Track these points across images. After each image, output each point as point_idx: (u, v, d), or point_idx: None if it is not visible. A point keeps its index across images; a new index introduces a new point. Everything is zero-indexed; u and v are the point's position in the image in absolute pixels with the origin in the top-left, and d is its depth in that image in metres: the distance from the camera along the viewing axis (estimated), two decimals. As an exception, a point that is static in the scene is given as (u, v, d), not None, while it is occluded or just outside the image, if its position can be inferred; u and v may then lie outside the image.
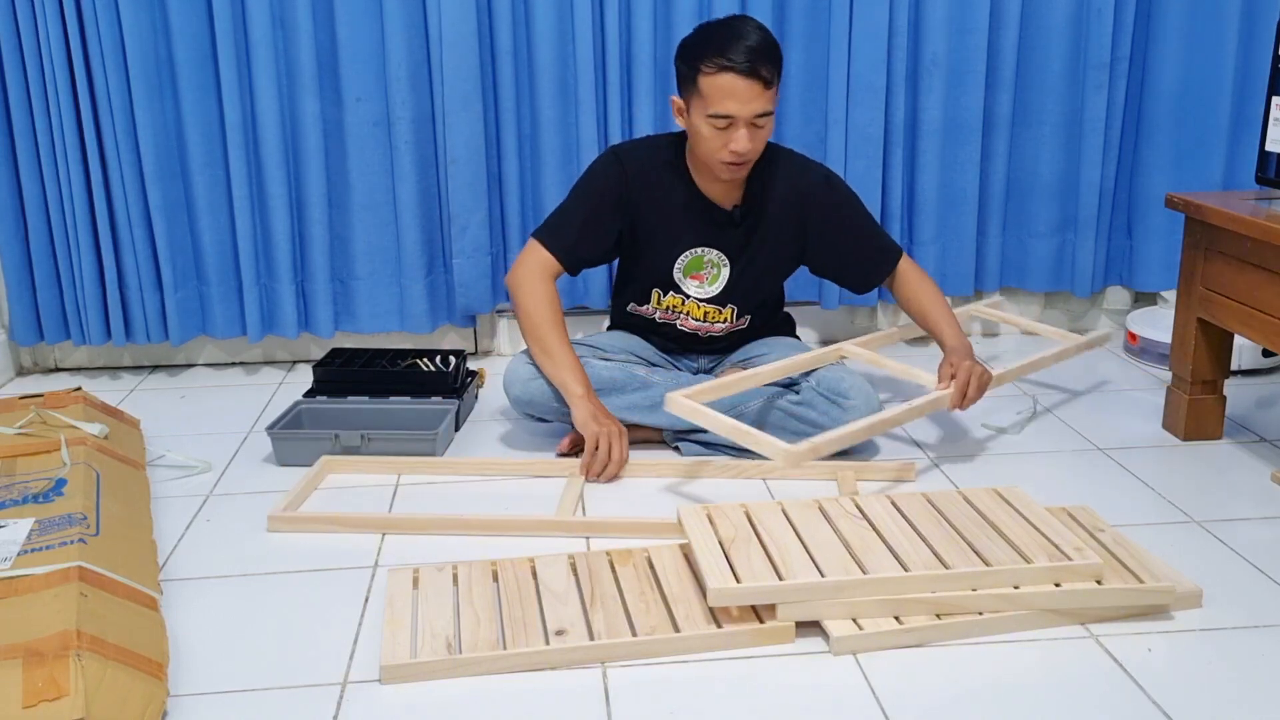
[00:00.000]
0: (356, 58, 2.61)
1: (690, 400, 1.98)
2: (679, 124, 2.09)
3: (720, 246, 2.18)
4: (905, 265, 2.28)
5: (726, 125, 1.97)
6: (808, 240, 2.22)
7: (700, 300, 2.22)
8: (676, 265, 2.19)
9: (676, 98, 2.07)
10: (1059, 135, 2.78)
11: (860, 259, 2.27)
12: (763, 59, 1.94)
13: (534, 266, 2.15)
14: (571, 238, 2.16)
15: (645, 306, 2.26)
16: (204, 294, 2.74)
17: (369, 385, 2.41)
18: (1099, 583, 1.56)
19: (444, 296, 2.81)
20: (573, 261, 2.18)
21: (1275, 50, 2.03)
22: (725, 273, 2.19)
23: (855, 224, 2.24)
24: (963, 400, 2.05)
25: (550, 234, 2.17)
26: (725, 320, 2.25)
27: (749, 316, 2.27)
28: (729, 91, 1.94)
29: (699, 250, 2.17)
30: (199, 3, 2.53)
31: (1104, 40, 2.68)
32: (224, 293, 2.73)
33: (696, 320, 2.24)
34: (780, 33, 2.67)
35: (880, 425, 1.98)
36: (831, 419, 2.09)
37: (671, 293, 2.22)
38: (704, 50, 1.96)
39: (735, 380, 2.10)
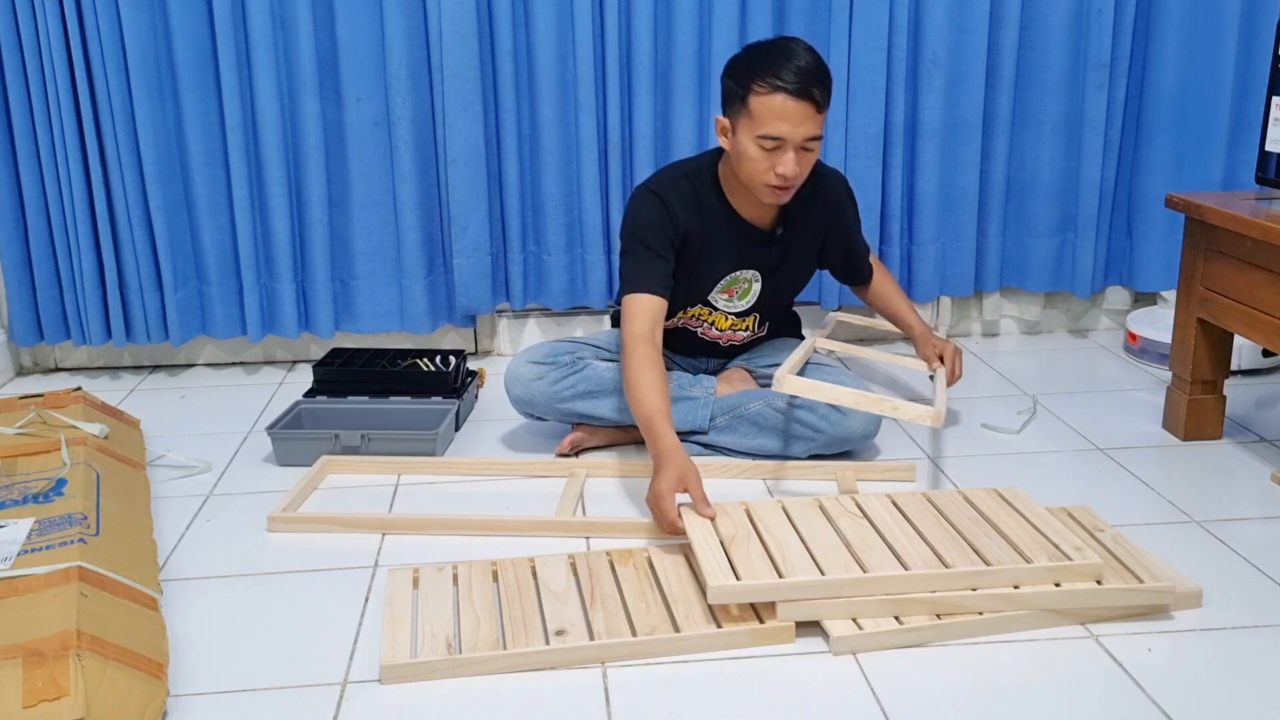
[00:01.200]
0: (356, 58, 2.61)
1: (802, 379, 1.95)
2: (722, 144, 2.01)
3: (756, 266, 2.15)
4: (872, 260, 2.42)
5: (775, 147, 1.91)
6: (828, 241, 2.23)
7: (729, 313, 2.21)
8: (715, 288, 2.16)
9: (721, 117, 2.00)
10: (1059, 135, 2.78)
11: (852, 258, 2.35)
12: (815, 81, 1.89)
13: (635, 324, 1.98)
14: (653, 271, 2.02)
15: (670, 318, 2.19)
16: (204, 294, 2.74)
17: (369, 385, 2.41)
18: (1099, 583, 1.56)
19: (444, 296, 2.81)
20: (666, 287, 2.03)
21: (1275, 50, 2.03)
22: (756, 288, 2.18)
23: (855, 227, 2.31)
24: (952, 377, 2.24)
25: (634, 283, 2.02)
26: (748, 329, 2.25)
27: (769, 323, 2.29)
28: (781, 113, 1.88)
29: (737, 272, 2.15)
30: (199, 3, 2.54)
31: (1104, 40, 2.68)
32: (224, 293, 2.73)
33: (720, 330, 2.23)
34: (780, 33, 2.66)
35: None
36: (831, 423, 2.09)
37: (700, 305, 2.19)
38: (756, 70, 1.90)
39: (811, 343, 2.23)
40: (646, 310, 1.99)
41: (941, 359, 2.26)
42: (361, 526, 1.90)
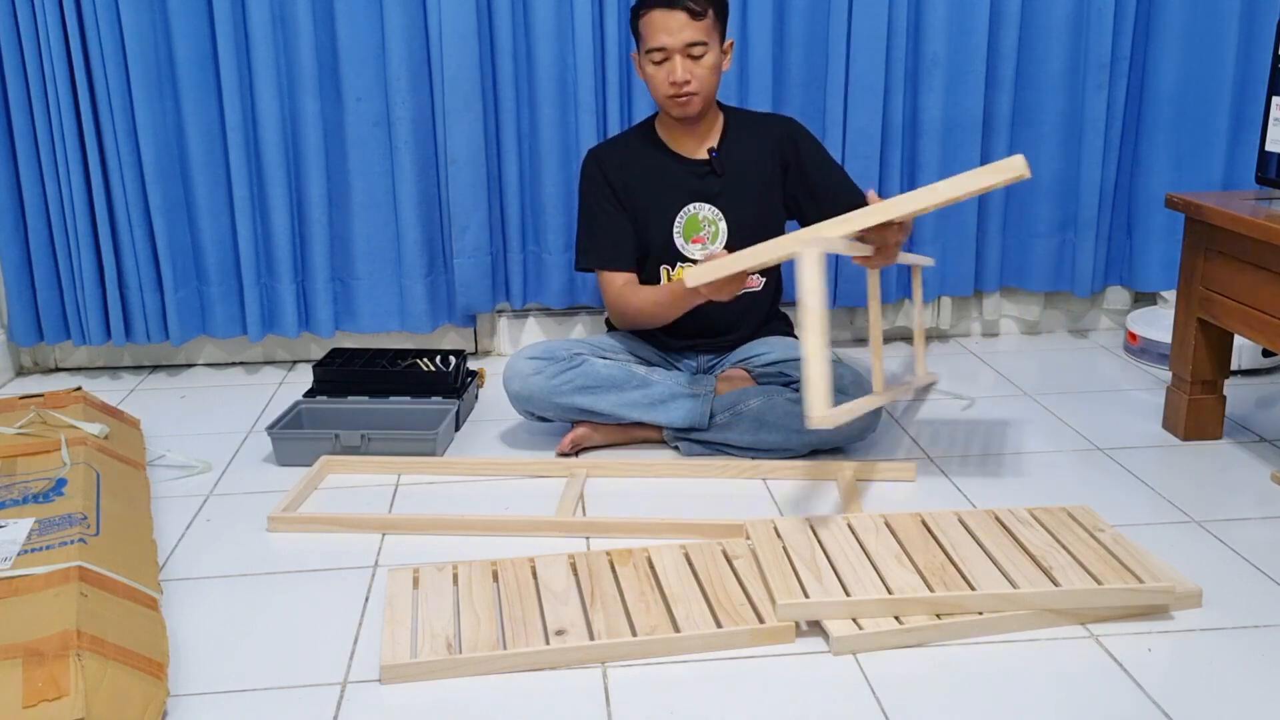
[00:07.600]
0: (356, 58, 2.61)
1: (838, 408, 1.79)
2: (642, 79, 2.20)
3: (710, 200, 2.24)
4: None
5: (663, 59, 2.09)
6: (788, 179, 2.28)
7: None
8: (675, 230, 2.24)
9: (634, 54, 2.21)
10: (1059, 135, 2.78)
11: (835, 193, 2.25)
12: None
13: (615, 291, 2.24)
14: (611, 245, 2.24)
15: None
16: (204, 294, 2.74)
17: (369, 385, 2.41)
18: (1099, 582, 1.56)
19: (444, 296, 2.81)
20: (629, 261, 2.25)
21: (1275, 50, 2.03)
22: (723, 227, 2.25)
23: (825, 160, 2.32)
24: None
25: (598, 256, 2.26)
26: None
27: (760, 276, 2.31)
28: (657, 26, 2.08)
29: (692, 208, 2.24)
30: (199, 3, 2.54)
31: (1104, 40, 2.68)
32: (224, 292, 2.73)
33: None
34: (780, 33, 2.67)
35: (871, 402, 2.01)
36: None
37: (679, 265, 2.27)
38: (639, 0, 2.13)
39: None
40: (618, 278, 2.24)
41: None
42: (361, 526, 1.90)
